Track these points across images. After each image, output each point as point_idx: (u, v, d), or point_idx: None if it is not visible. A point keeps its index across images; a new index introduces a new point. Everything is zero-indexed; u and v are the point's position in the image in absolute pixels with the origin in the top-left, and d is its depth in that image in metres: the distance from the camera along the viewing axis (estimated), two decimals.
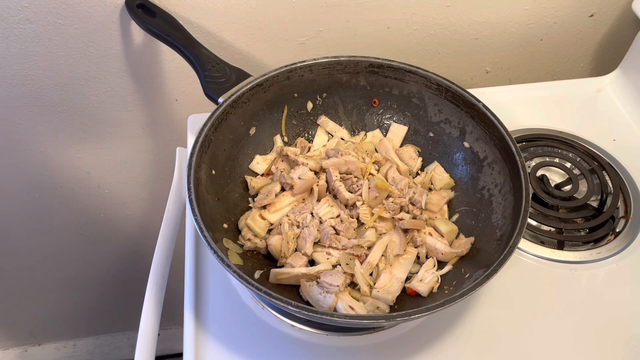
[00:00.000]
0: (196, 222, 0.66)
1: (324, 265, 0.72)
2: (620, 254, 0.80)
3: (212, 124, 0.76)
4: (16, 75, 0.95)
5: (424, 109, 0.87)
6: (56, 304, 1.55)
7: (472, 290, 0.61)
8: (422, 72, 0.83)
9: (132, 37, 0.94)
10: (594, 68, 1.20)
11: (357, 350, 0.71)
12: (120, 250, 1.41)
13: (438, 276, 0.71)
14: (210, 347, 0.70)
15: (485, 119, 0.79)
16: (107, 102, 1.04)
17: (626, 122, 0.98)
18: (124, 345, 1.74)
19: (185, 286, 0.76)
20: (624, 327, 0.73)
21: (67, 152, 1.12)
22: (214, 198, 0.76)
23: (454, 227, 0.77)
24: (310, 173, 0.79)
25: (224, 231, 0.74)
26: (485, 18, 1.04)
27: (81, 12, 0.89)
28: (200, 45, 0.84)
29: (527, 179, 0.71)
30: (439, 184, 0.83)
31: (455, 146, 0.85)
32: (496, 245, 0.70)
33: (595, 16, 1.09)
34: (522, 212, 0.68)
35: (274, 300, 0.60)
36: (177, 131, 1.12)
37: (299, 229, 0.76)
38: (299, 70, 0.84)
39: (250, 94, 0.81)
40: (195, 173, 0.71)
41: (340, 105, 0.90)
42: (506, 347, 0.71)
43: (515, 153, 0.73)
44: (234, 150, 0.82)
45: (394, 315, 0.61)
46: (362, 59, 0.85)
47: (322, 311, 0.60)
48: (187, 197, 0.68)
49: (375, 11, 0.98)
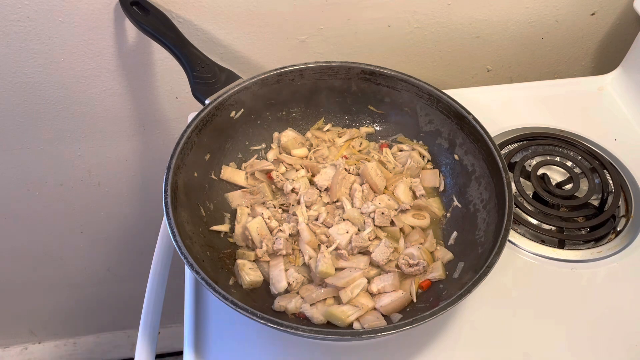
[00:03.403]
0: (169, 226, 0.66)
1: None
2: (621, 253, 0.80)
3: (196, 125, 0.76)
4: (16, 73, 0.95)
5: (414, 119, 0.86)
6: (56, 302, 1.56)
7: (442, 310, 0.61)
8: (414, 81, 0.83)
9: (132, 35, 0.94)
10: (595, 67, 1.20)
11: (356, 349, 0.71)
12: (120, 248, 1.41)
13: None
14: (211, 346, 0.70)
15: (474, 132, 0.78)
16: (108, 100, 1.04)
17: (627, 121, 0.98)
18: (124, 344, 1.75)
19: (186, 284, 0.76)
20: (625, 326, 0.73)
21: (68, 150, 1.12)
22: (194, 201, 0.75)
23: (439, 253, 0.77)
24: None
25: (202, 235, 0.74)
26: (486, 16, 1.04)
27: (81, 10, 0.89)
28: (191, 45, 0.84)
29: (512, 197, 0.70)
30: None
31: (444, 157, 0.85)
32: (476, 263, 0.69)
33: (597, 15, 1.09)
34: (503, 231, 0.67)
35: (240, 311, 0.60)
36: (178, 129, 1.12)
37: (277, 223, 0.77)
38: (289, 74, 0.84)
39: (237, 96, 0.81)
40: (174, 176, 0.71)
41: (328, 112, 0.90)
42: (506, 345, 0.71)
43: (502, 169, 0.73)
44: (218, 153, 0.82)
45: (360, 332, 0.62)
46: (353, 65, 0.84)
47: (287, 324, 0.59)
48: (163, 199, 0.68)
49: (376, 9, 0.98)
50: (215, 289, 0.61)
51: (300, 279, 0.73)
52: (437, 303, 0.63)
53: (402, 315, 0.69)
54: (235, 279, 0.72)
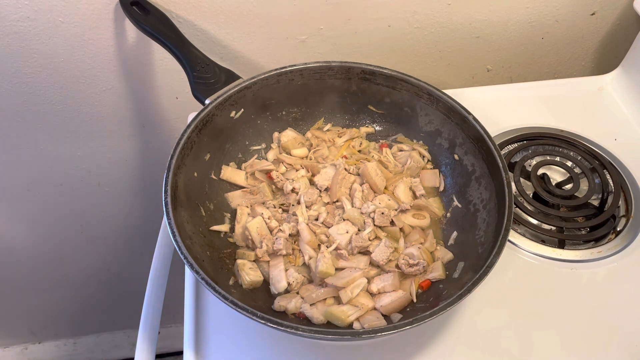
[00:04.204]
0: (169, 226, 0.66)
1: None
2: (621, 253, 0.80)
3: (196, 125, 0.76)
4: (16, 73, 0.95)
5: (415, 119, 0.86)
6: (56, 302, 1.55)
7: (442, 310, 0.61)
8: (414, 81, 0.83)
9: (132, 35, 0.94)
10: (595, 66, 1.20)
11: (356, 349, 0.71)
12: (120, 248, 1.41)
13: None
14: (211, 345, 0.70)
15: (474, 132, 0.78)
16: (108, 100, 1.04)
17: (627, 121, 0.98)
18: (124, 344, 1.75)
19: (186, 284, 0.76)
20: (625, 326, 0.73)
21: (67, 150, 1.12)
22: (194, 201, 0.75)
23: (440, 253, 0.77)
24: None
25: (202, 234, 0.74)
26: (487, 16, 1.04)
27: (81, 10, 0.89)
28: (191, 45, 0.84)
29: (512, 197, 0.70)
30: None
31: (444, 157, 0.85)
32: (476, 263, 0.69)
33: (597, 14, 1.09)
34: (503, 231, 0.67)
35: (240, 311, 0.60)
36: (178, 129, 1.12)
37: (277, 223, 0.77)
38: (289, 74, 0.84)
39: (237, 96, 0.81)
40: (174, 176, 0.71)
41: (328, 112, 0.90)
42: (506, 345, 0.71)
43: (502, 169, 0.73)
44: (218, 153, 0.82)
45: (360, 332, 0.62)
46: (353, 65, 0.84)
47: (287, 324, 0.59)
48: (163, 199, 0.68)
49: (376, 9, 0.98)
50: (215, 289, 0.61)
51: (300, 279, 0.73)
52: (437, 303, 0.63)
53: (402, 315, 0.69)
54: (235, 279, 0.72)
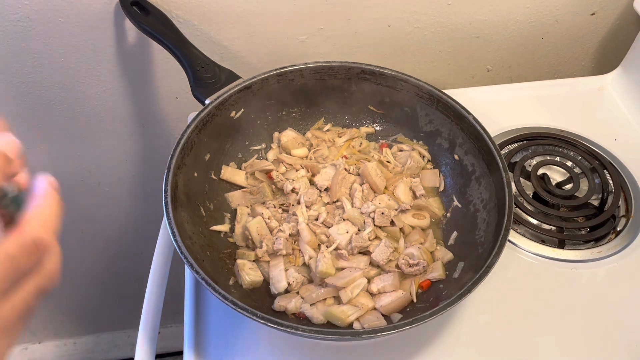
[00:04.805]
0: (169, 226, 0.66)
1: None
2: (621, 253, 0.80)
3: (196, 125, 0.76)
4: (16, 72, 0.95)
5: (415, 119, 0.86)
6: (56, 302, 1.55)
7: (442, 310, 0.61)
8: (414, 81, 0.83)
9: (132, 35, 0.94)
10: (595, 66, 1.20)
11: (356, 349, 0.71)
12: (120, 248, 1.41)
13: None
14: (211, 345, 0.70)
15: (474, 132, 0.78)
16: (108, 100, 1.04)
17: (627, 121, 0.98)
18: (124, 344, 1.74)
19: (186, 284, 0.76)
20: (625, 326, 0.73)
21: (67, 150, 1.12)
22: (194, 201, 0.75)
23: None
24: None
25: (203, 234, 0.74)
26: (486, 16, 1.04)
27: (81, 10, 0.88)
28: (191, 45, 0.84)
29: (512, 197, 0.70)
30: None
31: (444, 157, 0.85)
32: (476, 263, 0.69)
33: (597, 14, 1.09)
34: (503, 231, 0.67)
35: (240, 311, 0.59)
36: (178, 129, 1.12)
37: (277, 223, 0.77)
38: (289, 74, 0.84)
39: (237, 96, 0.81)
40: (174, 176, 0.71)
41: (328, 112, 0.90)
42: (506, 345, 0.71)
43: (502, 169, 0.73)
44: (218, 153, 0.82)
45: (360, 332, 0.62)
46: (353, 65, 0.84)
47: (287, 324, 0.59)
48: (163, 199, 0.68)
49: (376, 9, 0.98)
50: (215, 289, 0.61)
51: (300, 279, 0.73)
52: (437, 303, 0.63)
53: (402, 315, 0.69)
54: (235, 279, 0.72)
